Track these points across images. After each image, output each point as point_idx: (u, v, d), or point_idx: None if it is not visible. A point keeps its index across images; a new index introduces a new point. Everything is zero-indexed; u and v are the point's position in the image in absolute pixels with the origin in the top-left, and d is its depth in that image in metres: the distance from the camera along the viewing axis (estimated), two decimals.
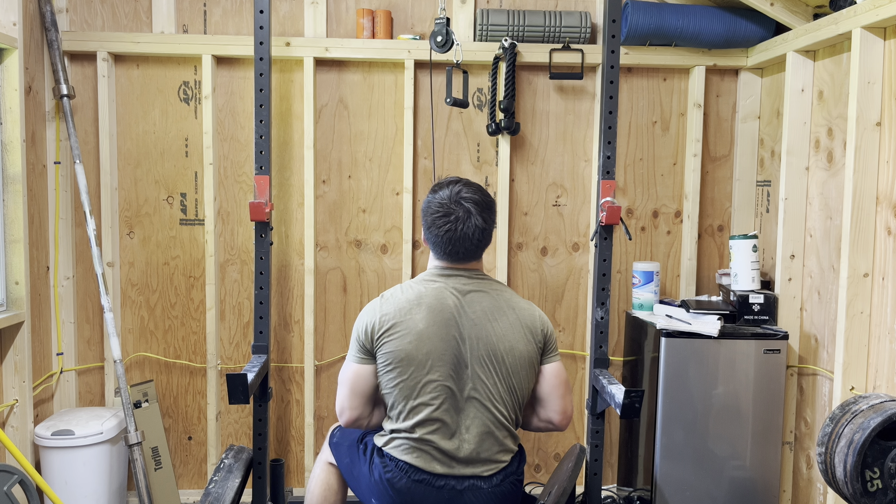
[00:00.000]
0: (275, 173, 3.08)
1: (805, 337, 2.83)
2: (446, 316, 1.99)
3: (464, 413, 1.99)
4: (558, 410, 2.11)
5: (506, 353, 2.01)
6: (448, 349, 1.98)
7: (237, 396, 2.22)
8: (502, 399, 2.02)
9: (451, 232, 2.00)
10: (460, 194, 2.02)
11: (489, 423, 2.00)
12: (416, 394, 1.98)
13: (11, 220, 2.66)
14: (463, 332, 1.99)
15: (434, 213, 2.03)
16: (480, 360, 1.99)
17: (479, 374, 1.99)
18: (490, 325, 2.01)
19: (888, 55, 2.35)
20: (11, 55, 2.62)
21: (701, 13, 2.97)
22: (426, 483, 1.98)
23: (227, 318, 3.16)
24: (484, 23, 2.99)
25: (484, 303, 2.03)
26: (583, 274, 3.23)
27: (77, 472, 2.75)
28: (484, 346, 1.99)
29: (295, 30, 3.07)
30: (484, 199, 2.04)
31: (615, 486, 3.25)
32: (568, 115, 3.17)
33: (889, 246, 2.35)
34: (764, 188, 3.14)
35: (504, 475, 2.03)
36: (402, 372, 1.98)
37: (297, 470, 3.22)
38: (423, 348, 1.97)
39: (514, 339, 2.02)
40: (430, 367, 1.97)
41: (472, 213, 2.00)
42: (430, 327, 1.97)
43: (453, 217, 2.00)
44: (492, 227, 2.07)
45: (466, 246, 2.02)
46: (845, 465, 1.98)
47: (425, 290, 2.03)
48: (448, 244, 2.02)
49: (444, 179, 2.10)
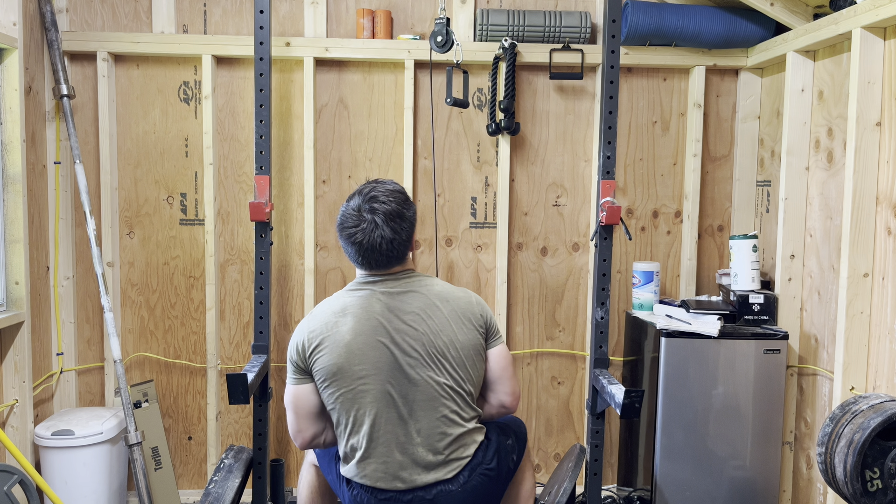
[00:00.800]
0: (275, 173, 3.08)
1: (805, 337, 2.83)
2: (374, 323, 1.94)
3: (411, 418, 1.94)
4: (507, 392, 2.08)
5: (446, 346, 1.95)
6: (381, 356, 1.93)
7: (237, 396, 2.22)
8: (450, 395, 1.96)
9: (359, 244, 1.94)
10: (372, 202, 1.94)
11: (440, 423, 1.95)
12: (357, 406, 1.94)
13: (11, 220, 2.66)
14: (395, 337, 1.93)
15: (343, 224, 1.96)
16: (420, 361, 1.94)
17: (421, 374, 1.94)
18: (425, 324, 1.95)
19: (888, 55, 2.35)
20: (11, 55, 2.62)
21: (701, 13, 2.97)
22: (394, 500, 1.95)
23: (227, 318, 3.16)
24: (484, 23, 2.99)
25: (414, 303, 1.97)
26: (583, 274, 3.23)
27: (77, 472, 2.75)
28: (421, 346, 1.94)
29: (295, 30, 3.07)
30: (396, 208, 1.95)
31: (615, 486, 3.25)
32: (568, 115, 3.17)
33: (889, 246, 2.35)
34: (764, 188, 3.14)
35: (471, 469, 1.98)
36: (339, 386, 1.94)
37: (296, 470, 3.22)
38: (354, 360, 1.92)
39: (453, 332, 1.97)
40: (365, 376, 1.93)
41: (377, 225, 1.92)
42: (357, 337, 1.93)
43: (360, 227, 1.93)
44: (404, 235, 1.97)
45: (377, 257, 1.96)
46: (845, 465, 1.98)
47: (351, 300, 1.98)
48: (358, 255, 1.96)
49: (361, 185, 2.02)
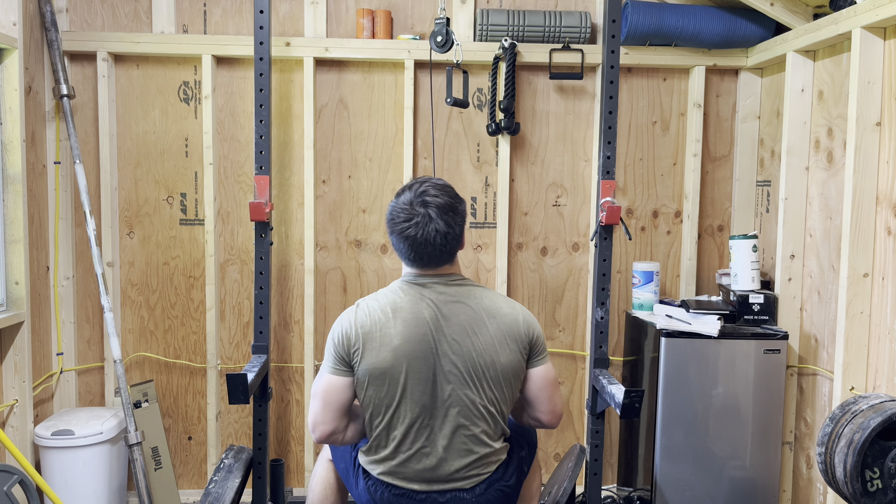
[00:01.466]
0: (275, 173, 3.08)
1: (805, 337, 2.83)
2: (422, 331, 1.90)
3: (440, 433, 1.93)
4: (546, 411, 2.05)
5: (486, 367, 1.91)
6: (424, 366, 1.89)
7: (237, 396, 2.22)
8: (482, 414, 1.93)
9: (412, 239, 1.89)
10: (424, 196, 1.90)
11: (468, 441, 1.94)
12: (391, 411, 1.91)
13: (11, 220, 2.66)
14: (439, 349, 1.90)
15: (394, 219, 1.91)
16: (459, 378, 1.90)
17: (458, 391, 1.91)
18: (469, 341, 1.91)
19: (888, 55, 2.35)
20: (11, 55, 2.62)
21: (701, 13, 2.97)
22: (408, 496, 1.95)
23: (227, 318, 3.16)
24: (484, 23, 2.99)
25: (462, 316, 1.92)
26: (583, 274, 3.23)
27: (77, 472, 2.75)
28: (462, 363, 1.90)
29: (295, 30, 3.07)
30: (449, 201, 1.91)
31: (615, 486, 3.25)
32: (568, 115, 3.17)
33: (889, 246, 2.35)
34: (764, 188, 3.14)
35: (488, 484, 1.98)
36: (378, 388, 1.90)
37: (297, 470, 3.22)
38: (399, 366, 1.88)
39: (496, 352, 1.92)
40: (405, 384, 1.89)
41: (431, 218, 1.88)
42: (405, 344, 1.89)
43: (413, 221, 1.88)
44: (457, 230, 1.93)
45: (430, 251, 1.91)
46: (845, 465, 1.98)
47: (401, 302, 1.93)
48: (410, 250, 1.91)
49: (409, 182, 1.98)
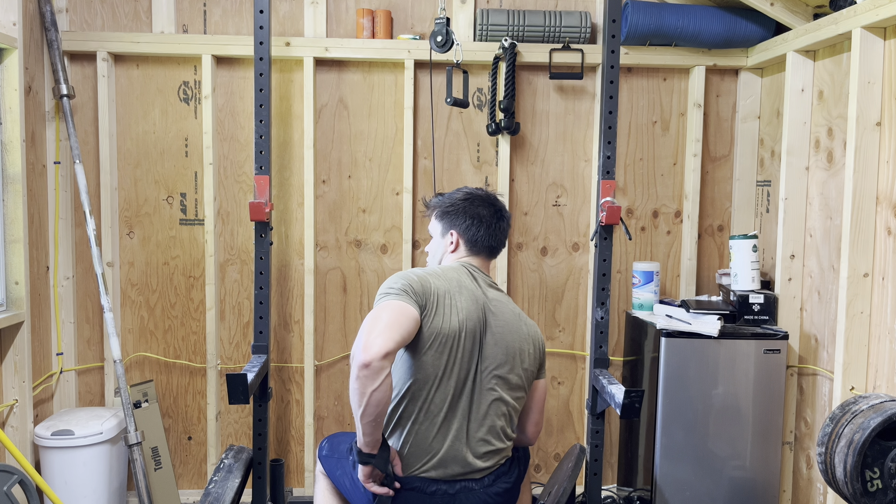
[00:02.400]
0: (275, 173, 3.08)
1: (805, 337, 2.83)
2: (480, 315, 1.96)
3: (469, 415, 1.96)
4: (535, 422, 2.17)
5: (515, 366, 2.01)
6: (473, 347, 1.95)
7: (237, 396, 2.22)
8: (506, 413, 2.01)
9: (492, 227, 2.09)
10: (494, 199, 2.15)
11: (490, 434, 1.99)
12: (437, 383, 1.90)
13: (11, 220, 2.66)
14: (485, 337, 1.97)
15: (479, 205, 2.10)
16: (495, 368, 1.97)
17: (492, 384, 1.97)
18: (510, 337, 2.00)
19: (888, 55, 2.35)
20: (11, 55, 2.62)
21: (701, 13, 2.97)
22: (418, 490, 1.95)
23: (226, 318, 3.16)
24: (484, 23, 2.99)
25: (506, 313, 2.02)
26: (583, 274, 3.23)
27: (77, 472, 2.75)
28: (502, 355, 1.98)
29: (295, 30, 3.07)
30: (509, 219, 2.19)
31: (615, 486, 3.25)
32: (568, 115, 3.17)
33: (889, 246, 2.35)
34: (764, 188, 3.14)
35: (496, 475, 2.02)
36: (437, 356, 1.87)
37: (296, 470, 3.22)
38: (460, 337, 1.90)
39: (525, 354, 2.03)
40: (458, 357, 1.91)
41: (503, 215, 2.13)
42: (468, 320, 1.92)
43: (496, 209, 2.11)
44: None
45: (500, 239, 2.12)
46: (845, 465, 1.98)
47: (466, 281, 1.98)
48: (489, 237, 2.08)
49: (473, 189, 2.18)
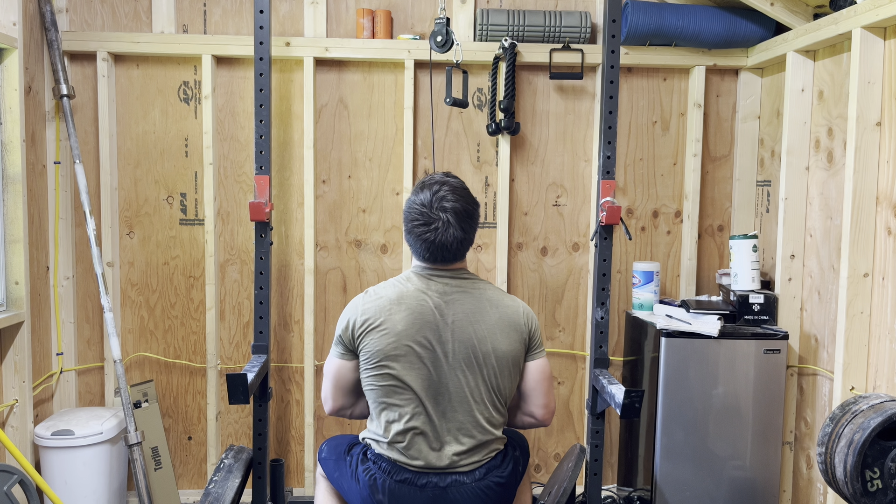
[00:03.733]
0: (275, 173, 3.08)
1: (805, 337, 2.83)
2: (426, 318, 1.96)
3: (443, 418, 1.98)
4: (541, 405, 2.11)
5: (487, 354, 1.98)
6: (426, 353, 1.95)
7: (237, 396, 2.22)
8: (483, 401, 2.00)
9: (430, 242, 1.97)
10: (442, 201, 1.96)
11: (469, 426, 1.99)
12: (394, 395, 1.97)
13: (11, 220, 2.66)
14: (443, 336, 1.97)
15: (413, 221, 1.99)
16: (461, 364, 1.97)
17: (459, 377, 1.97)
18: (472, 328, 1.98)
19: (888, 55, 2.35)
20: (11, 55, 2.62)
21: (701, 13, 2.97)
22: (409, 483, 1.97)
23: (227, 318, 3.16)
24: (484, 23, 2.99)
25: (465, 304, 2.00)
26: (583, 274, 3.23)
27: (77, 472, 2.75)
28: (464, 349, 1.97)
29: (295, 30, 3.07)
30: (466, 206, 1.99)
31: (615, 486, 3.25)
32: (568, 115, 3.17)
33: (889, 246, 2.35)
34: (764, 188, 3.14)
35: (487, 469, 2.02)
36: (380, 371, 1.96)
37: (296, 470, 3.22)
38: (401, 350, 1.95)
39: (497, 340, 2.00)
40: (408, 368, 1.95)
41: (450, 224, 1.95)
42: (408, 329, 1.95)
43: (432, 226, 1.96)
44: (472, 234, 2.03)
45: (444, 253, 1.99)
46: (845, 465, 1.98)
47: (406, 291, 2.00)
48: (426, 251, 2.00)
49: (429, 178, 2.04)
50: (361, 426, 3.20)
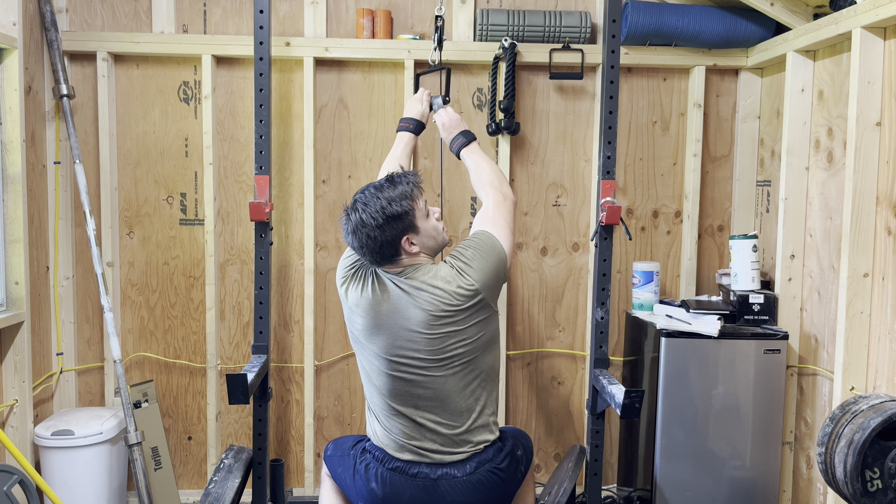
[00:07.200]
0: (275, 173, 3.08)
1: (805, 337, 2.83)
2: (375, 312, 2.02)
3: (414, 407, 2.01)
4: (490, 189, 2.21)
5: (453, 346, 1.98)
6: (380, 348, 2.02)
7: (237, 396, 2.22)
8: (460, 389, 2.01)
9: (357, 249, 2.03)
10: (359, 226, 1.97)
11: (451, 416, 2.01)
12: (367, 385, 2.10)
13: (11, 220, 2.66)
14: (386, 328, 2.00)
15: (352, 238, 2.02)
16: (426, 365, 1.98)
17: (431, 374, 1.99)
18: (398, 314, 1.98)
19: (888, 55, 2.35)
20: (11, 55, 2.62)
21: (701, 13, 2.97)
22: (400, 471, 2.00)
23: (226, 318, 3.16)
24: (484, 23, 2.99)
25: (396, 291, 2.00)
26: (583, 274, 3.23)
27: (77, 472, 2.75)
28: (426, 353, 1.98)
29: (295, 30, 3.07)
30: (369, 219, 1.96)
31: (615, 486, 3.25)
32: (568, 115, 3.17)
33: (889, 246, 2.35)
34: (764, 188, 3.14)
35: (479, 463, 2.01)
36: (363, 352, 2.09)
37: (296, 470, 3.22)
38: (362, 345, 2.08)
39: (455, 332, 1.97)
40: (368, 362, 2.07)
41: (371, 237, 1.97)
42: (364, 323, 2.04)
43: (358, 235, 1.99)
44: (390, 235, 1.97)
45: (379, 252, 2.00)
46: (845, 465, 1.98)
47: (366, 288, 2.07)
48: (368, 259, 2.06)
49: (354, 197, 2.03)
50: (362, 428, 3.20)
